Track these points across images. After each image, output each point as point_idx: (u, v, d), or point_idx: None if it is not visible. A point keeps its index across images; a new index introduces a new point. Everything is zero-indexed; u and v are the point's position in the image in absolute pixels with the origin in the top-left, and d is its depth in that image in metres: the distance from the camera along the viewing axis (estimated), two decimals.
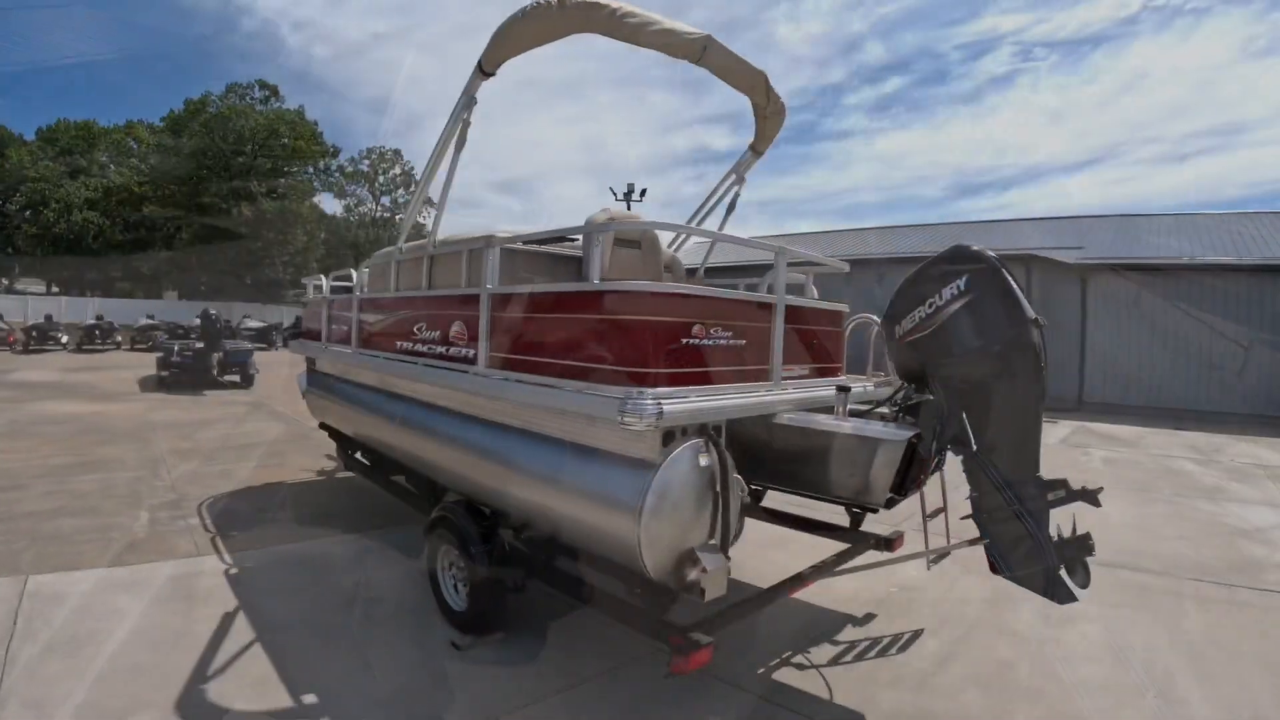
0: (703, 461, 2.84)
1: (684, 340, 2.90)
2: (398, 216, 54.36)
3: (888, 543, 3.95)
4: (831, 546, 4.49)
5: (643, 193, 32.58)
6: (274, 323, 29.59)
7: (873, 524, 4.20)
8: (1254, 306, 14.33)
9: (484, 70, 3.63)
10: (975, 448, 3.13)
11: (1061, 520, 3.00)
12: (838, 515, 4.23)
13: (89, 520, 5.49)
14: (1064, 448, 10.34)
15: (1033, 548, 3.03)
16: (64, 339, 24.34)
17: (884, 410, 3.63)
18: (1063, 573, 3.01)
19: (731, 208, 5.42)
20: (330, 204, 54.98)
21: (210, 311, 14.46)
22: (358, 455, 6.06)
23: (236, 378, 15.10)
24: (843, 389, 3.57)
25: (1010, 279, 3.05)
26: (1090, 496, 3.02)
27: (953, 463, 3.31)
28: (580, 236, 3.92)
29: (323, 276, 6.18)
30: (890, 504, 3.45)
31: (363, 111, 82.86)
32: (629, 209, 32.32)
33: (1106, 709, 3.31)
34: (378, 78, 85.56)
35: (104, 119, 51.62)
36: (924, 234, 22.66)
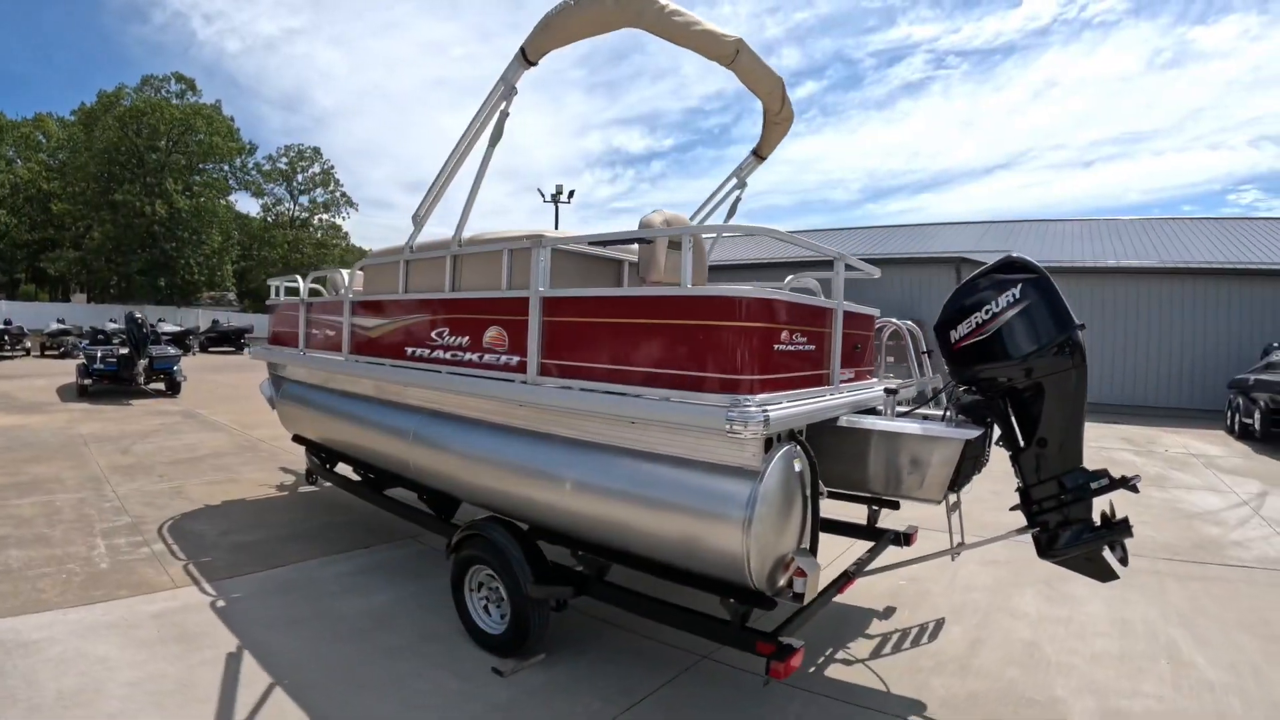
0: (797, 466, 2.70)
1: (776, 346, 2.67)
2: (317, 217, 50.74)
3: (906, 538, 3.89)
4: (842, 543, 4.42)
5: (570, 194, 32.36)
6: (190, 327, 26.85)
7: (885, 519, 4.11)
8: (1170, 306, 15.37)
9: (528, 59, 3.23)
10: (1024, 445, 3.15)
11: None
12: (850, 512, 4.07)
13: (39, 551, 4.61)
14: None
15: (1078, 532, 3.07)
16: None
17: (924, 410, 3.58)
18: (1105, 552, 3.07)
19: (732, 210, 5.24)
20: (246, 204, 50.55)
21: (136, 315, 12.76)
22: (337, 469, 5.43)
23: (162, 385, 13.48)
24: (890, 391, 3.51)
25: (1056, 286, 3.06)
26: (1129, 484, 3.05)
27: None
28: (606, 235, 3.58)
29: (299, 278, 5.47)
30: (941, 501, 3.37)
31: (275, 109, 77.02)
32: (557, 211, 31.81)
33: (1130, 676, 3.38)
34: (290, 73, 79.79)
35: (10, 111, 45.24)
36: (843, 237, 23.46)
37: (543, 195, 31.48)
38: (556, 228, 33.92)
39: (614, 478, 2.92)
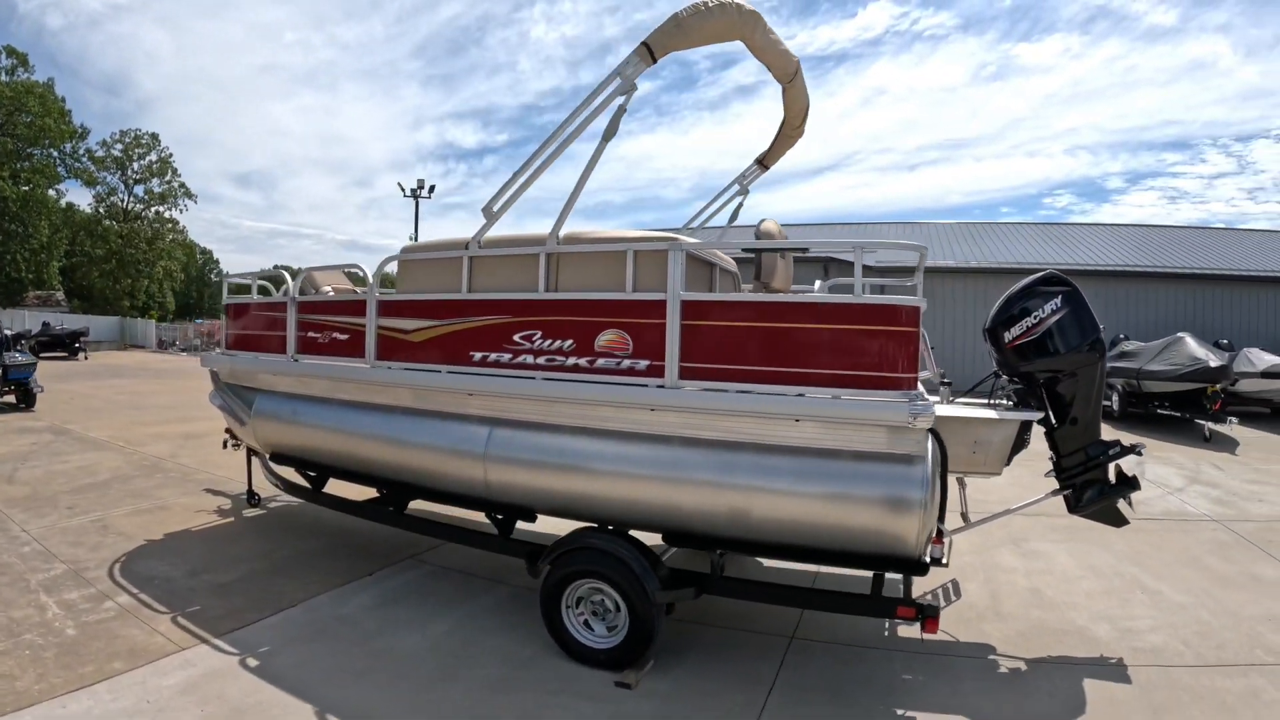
0: (939, 452, 2.77)
1: (918, 345, 2.61)
2: (154, 208, 41.91)
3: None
4: None
5: (431, 189, 29.55)
6: (22, 330, 21.12)
7: None
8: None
9: (653, 55, 2.76)
10: (1059, 424, 3.34)
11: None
12: None
13: None
14: None
15: (1099, 490, 3.34)
16: None
17: (967, 399, 3.67)
18: (1120, 504, 3.34)
19: (733, 217, 5.05)
20: (76, 194, 40.50)
21: None
22: (320, 487, 4.45)
23: (12, 398, 10.36)
24: (946, 382, 3.54)
25: (1085, 297, 3.29)
26: (1135, 450, 3.34)
27: None
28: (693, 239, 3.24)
29: (288, 277, 4.33)
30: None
31: (96, 91, 63.05)
32: (418, 206, 29.54)
33: (1121, 605, 3.81)
34: (113, 53, 65.79)
35: None
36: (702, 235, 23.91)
37: (403, 189, 28.60)
38: (417, 224, 31.14)
39: (773, 474, 2.71)
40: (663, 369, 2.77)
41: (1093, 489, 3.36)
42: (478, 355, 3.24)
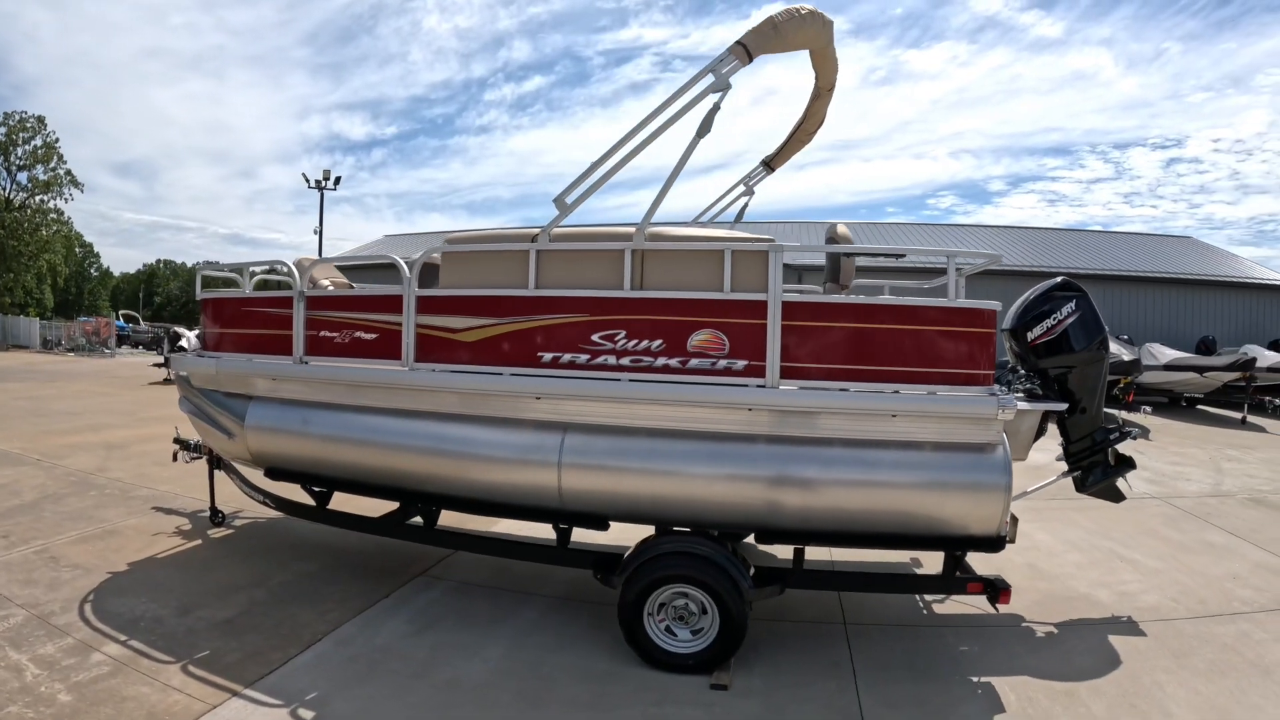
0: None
1: (995, 344, 2.94)
2: (37, 197, 36.60)
3: None
4: None
5: (336, 180, 29.11)
6: None
7: None
8: None
9: (750, 55, 2.82)
10: (1069, 412, 3.80)
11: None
12: None
13: None
14: None
15: (1102, 471, 3.84)
16: None
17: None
18: (1119, 482, 3.85)
19: (739, 217, 5.22)
20: None
21: None
22: (326, 504, 4.12)
23: None
24: None
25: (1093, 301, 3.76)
26: (1131, 434, 3.86)
27: None
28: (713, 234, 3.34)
29: (294, 266, 3.92)
30: None
31: None
32: (322, 198, 28.66)
33: (1110, 572, 4.39)
34: None
35: None
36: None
37: (307, 180, 28.39)
38: (322, 217, 29.89)
39: (873, 467, 2.89)
40: (763, 369, 2.84)
41: (1096, 470, 3.85)
42: (548, 356, 3.13)
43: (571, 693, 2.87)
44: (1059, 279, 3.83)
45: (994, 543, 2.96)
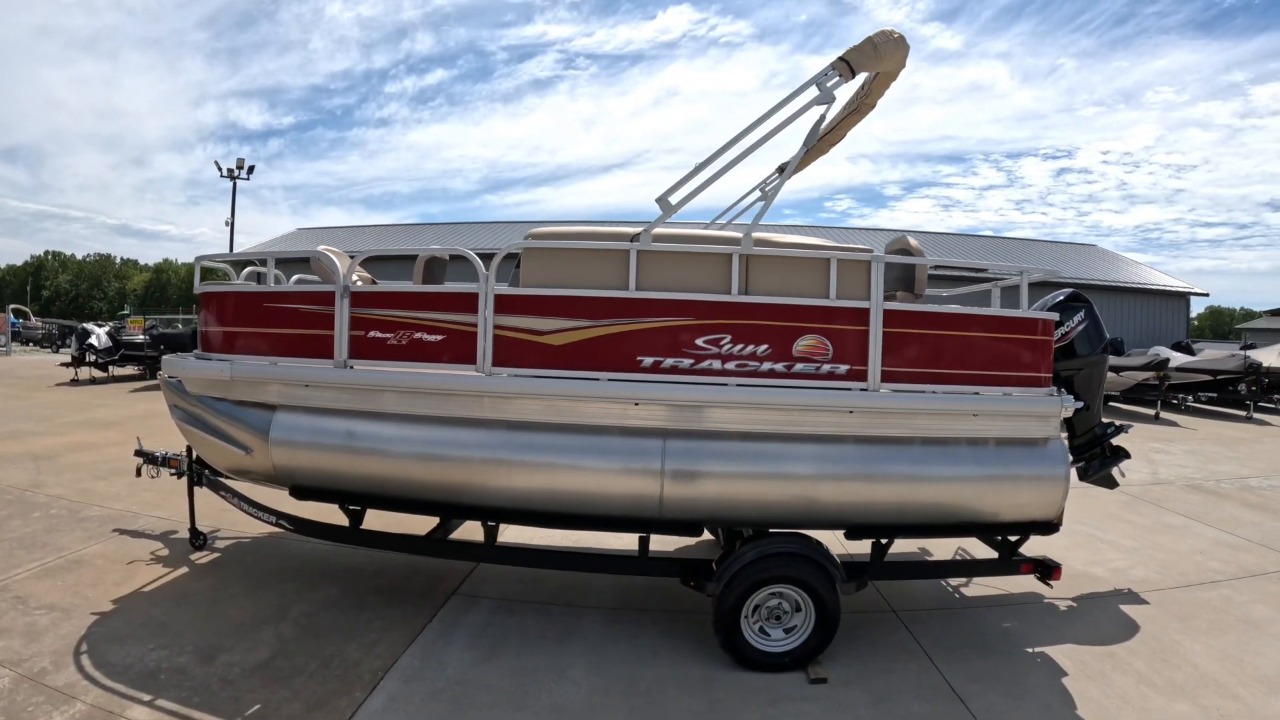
0: None
1: (1052, 350, 3.41)
2: None
3: None
4: None
5: (250, 170, 27.85)
6: None
7: None
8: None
9: (853, 72, 3.05)
10: (1076, 410, 4.38)
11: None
12: None
13: None
14: None
15: (1101, 462, 4.44)
16: None
17: None
18: (1113, 472, 4.47)
19: (756, 219, 5.49)
20: None
21: None
22: (359, 523, 3.79)
23: None
24: None
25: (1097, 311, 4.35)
26: (1123, 429, 4.50)
27: None
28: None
29: (333, 259, 3.65)
30: None
31: None
32: (235, 188, 27.55)
33: (1095, 553, 5.04)
34: None
35: None
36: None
37: (220, 169, 27.51)
38: (234, 208, 28.15)
39: (958, 462, 3.21)
40: (864, 373, 3.08)
41: (1096, 461, 4.46)
42: (648, 360, 3.16)
43: (686, 704, 2.90)
44: (1069, 290, 4.34)
45: (1052, 527, 3.36)
